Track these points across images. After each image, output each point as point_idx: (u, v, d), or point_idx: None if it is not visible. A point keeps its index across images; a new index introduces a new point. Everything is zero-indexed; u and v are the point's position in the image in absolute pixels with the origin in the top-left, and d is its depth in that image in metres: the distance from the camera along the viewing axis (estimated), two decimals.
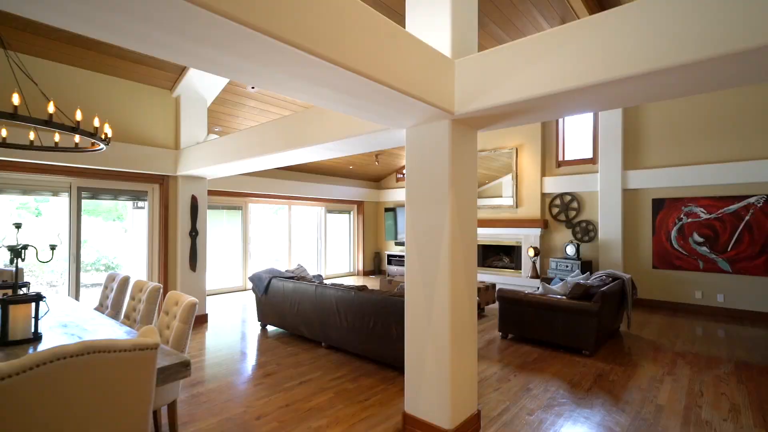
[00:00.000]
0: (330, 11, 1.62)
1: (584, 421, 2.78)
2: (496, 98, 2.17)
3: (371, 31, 1.82)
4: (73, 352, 1.28)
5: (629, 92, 1.96)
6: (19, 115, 2.51)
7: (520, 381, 3.49)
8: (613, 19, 1.82)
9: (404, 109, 2.25)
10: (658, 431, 2.64)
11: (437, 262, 2.49)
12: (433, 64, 2.21)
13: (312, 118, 3.35)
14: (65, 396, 1.28)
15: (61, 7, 1.20)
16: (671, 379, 3.53)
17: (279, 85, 1.89)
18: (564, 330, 4.23)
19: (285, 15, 1.43)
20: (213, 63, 1.64)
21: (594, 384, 3.42)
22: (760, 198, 5.74)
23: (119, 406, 1.41)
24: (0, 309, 2.17)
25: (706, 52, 1.57)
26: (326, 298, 4.23)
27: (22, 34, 3.98)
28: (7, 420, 1.17)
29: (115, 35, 1.39)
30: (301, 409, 2.94)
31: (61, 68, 4.46)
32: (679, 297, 6.36)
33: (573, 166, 7.58)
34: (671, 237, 6.45)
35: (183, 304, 2.44)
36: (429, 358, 2.54)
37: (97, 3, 1.17)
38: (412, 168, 2.66)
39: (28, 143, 3.05)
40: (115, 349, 1.38)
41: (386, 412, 2.91)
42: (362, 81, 1.82)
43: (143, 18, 1.26)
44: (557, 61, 1.95)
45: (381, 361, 3.85)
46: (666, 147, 6.52)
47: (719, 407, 2.99)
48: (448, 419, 2.44)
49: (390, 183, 10.81)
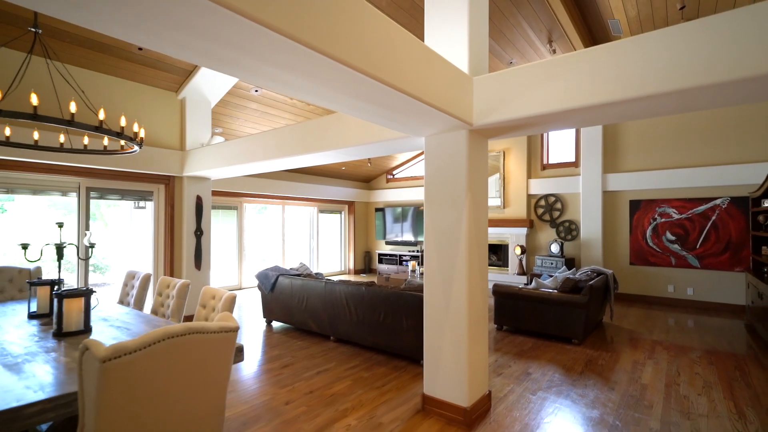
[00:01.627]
0: (384, 39, 1.87)
1: (580, 399, 3.12)
2: (511, 113, 2.48)
3: (413, 55, 2.09)
4: (178, 332, 1.49)
5: (615, 114, 2.32)
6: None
7: (519, 367, 3.82)
8: (601, 53, 2.14)
9: (430, 120, 2.53)
10: (644, 405, 3.01)
11: (455, 257, 2.78)
12: (456, 81, 2.50)
13: (331, 124, 3.58)
14: (172, 368, 1.49)
15: (135, 27, 1.36)
16: (652, 362, 3.94)
17: (323, 97, 2.13)
18: (555, 321, 4.60)
19: (349, 42, 1.68)
20: (274, 81, 1.86)
21: (585, 368, 3.78)
22: (724, 200, 6.32)
23: (208, 378, 1.63)
24: (56, 303, 2.32)
25: (687, 83, 1.91)
26: (336, 293, 4.45)
27: (49, 39, 4.03)
28: (133, 386, 1.38)
29: (182, 51, 1.56)
30: (324, 395, 3.17)
31: (83, 72, 4.54)
32: (654, 291, 6.89)
33: (557, 169, 8.05)
34: (646, 235, 6.98)
35: (223, 297, 2.64)
36: (447, 345, 2.82)
37: (172, 24, 1.36)
38: (431, 172, 2.93)
39: (58, 145, 3.16)
40: (207, 330, 1.59)
41: (404, 395, 3.18)
42: (404, 98, 2.08)
43: (212, 37, 1.44)
44: (559, 86, 2.27)
45: (391, 352, 4.11)
46: (642, 152, 7.05)
47: (694, 384, 3.40)
48: (466, 398, 2.73)
49: (380, 184, 11.07)
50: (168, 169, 5.22)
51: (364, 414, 2.86)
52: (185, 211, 5.42)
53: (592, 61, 2.20)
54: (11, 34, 3.94)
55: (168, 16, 1.26)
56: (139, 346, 1.39)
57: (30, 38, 3.88)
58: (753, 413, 2.88)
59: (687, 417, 2.83)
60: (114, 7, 1.22)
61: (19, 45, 4.10)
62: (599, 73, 2.17)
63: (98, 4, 1.21)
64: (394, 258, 10.10)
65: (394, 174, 10.76)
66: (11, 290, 3.64)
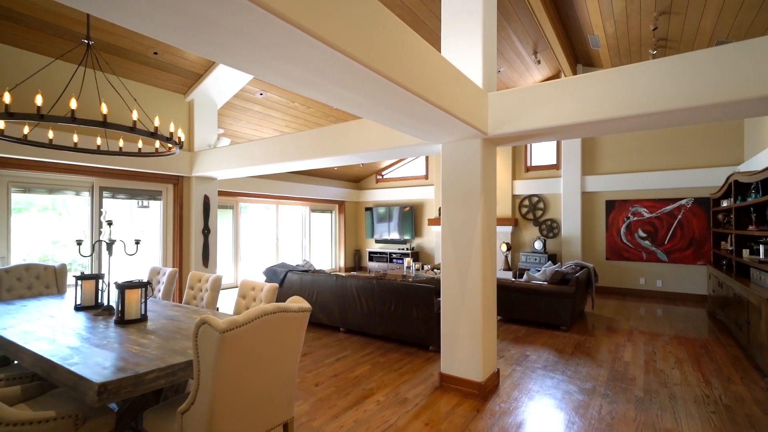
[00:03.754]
0: (430, 65, 2.21)
1: (574, 375, 3.56)
2: (521, 126, 2.87)
3: (447, 75, 2.44)
4: (271, 311, 1.79)
5: (606, 128, 2.78)
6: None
7: (517, 351, 4.24)
8: (587, 80, 2.57)
9: (453, 130, 2.89)
10: (628, 378, 3.49)
11: (470, 253, 3.15)
12: (476, 97, 2.87)
13: (350, 130, 3.89)
14: (265, 339, 1.78)
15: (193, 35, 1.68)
16: (631, 344, 4.46)
17: (369, 111, 2.44)
18: (546, 310, 5.07)
19: (404, 68, 2.01)
20: (333, 96, 2.17)
21: (575, 350, 4.25)
22: (689, 200, 7.01)
23: (288, 348, 1.93)
24: (119, 294, 2.54)
25: (667, 106, 2.35)
26: (347, 287, 4.76)
27: (68, 43, 4.14)
28: (239, 353, 1.67)
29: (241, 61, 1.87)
30: (348, 378, 3.49)
31: (102, 75, 4.64)
32: (627, 283, 7.54)
33: (539, 171, 8.61)
34: (621, 233, 7.62)
35: (265, 288, 2.91)
36: (463, 329, 3.19)
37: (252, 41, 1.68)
38: (447, 175, 3.29)
39: (95, 147, 3.33)
40: (290, 310, 1.88)
41: (420, 376, 3.53)
42: (440, 113, 2.43)
43: (312, 69, 1.76)
44: (562, 104, 2.68)
45: (401, 340, 4.46)
46: (617, 157, 7.69)
47: (668, 361, 3.91)
48: (480, 374, 3.11)
49: (369, 184, 11.39)
50: (177, 169, 5.37)
51: (389, 391, 3.20)
52: (193, 210, 5.57)
53: (586, 86, 2.62)
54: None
55: (283, 50, 1.56)
56: (246, 320, 1.68)
57: (67, 49, 3.99)
58: (717, 381, 3.40)
59: (664, 386, 3.31)
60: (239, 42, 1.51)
61: (47, 50, 4.20)
62: (594, 96, 2.59)
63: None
64: (385, 255, 10.44)
65: (384, 174, 11.10)
66: (38, 286, 3.75)
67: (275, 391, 1.93)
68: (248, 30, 1.42)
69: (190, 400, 1.70)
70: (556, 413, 2.84)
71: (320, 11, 1.48)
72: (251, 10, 1.28)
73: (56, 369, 1.78)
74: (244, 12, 1.30)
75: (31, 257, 4.70)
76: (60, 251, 4.99)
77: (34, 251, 4.74)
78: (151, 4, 1.25)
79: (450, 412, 2.86)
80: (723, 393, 3.18)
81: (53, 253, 4.94)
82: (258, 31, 1.43)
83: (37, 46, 4.20)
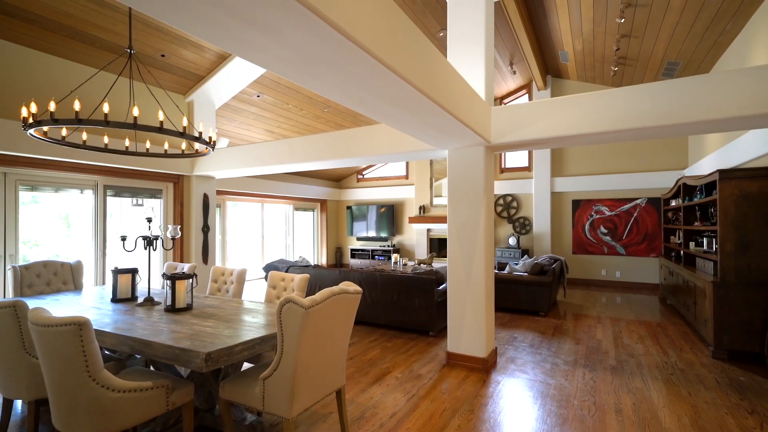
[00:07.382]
0: (449, 80, 2.63)
1: (558, 350, 4.12)
2: (520, 136, 3.36)
3: (464, 93, 2.87)
4: (337, 292, 2.14)
5: (588, 140, 3.30)
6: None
7: (506, 334, 4.78)
8: (572, 101, 3.10)
9: (463, 138, 3.33)
10: (602, 351, 4.09)
11: (474, 245, 3.61)
12: (482, 110, 3.32)
13: (361, 135, 4.24)
14: (334, 316, 2.13)
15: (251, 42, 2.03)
16: (600, 326, 5.11)
17: (394, 119, 2.83)
18: (526, 298, 5.66)
19: (438, 87, 2.41)
20: (379, 112, 2.54)
21: (555, 332, 4.84)
22: (643, 200, 7.89)
23: (344, 324, 2.28)
24: (169, 284, 2.77)
25: (627, 125, 2.91)
26: (350, 279, 5.10)
27: (80, 45, 4.21)
28: (316, 327, 2.02)
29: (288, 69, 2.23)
30: (363, 360, 3.85)
31: (110, 77, 4.72)
32: (591, 275, 8.36)
33: (513, 173, 9.30)
34: (585, 229, 8.43)
35: (296, 278, 3.22)
36: (468, 311, 3.65)
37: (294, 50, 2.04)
38: (453, 178, 3.74)
39: (124, 148, 3.48)
40: (348, 291, 2.24)
41: (427, 356, 3.96)
42: (458, 124, 2.86)
43: (365, 87, 2.13)
44: (556, 119, 3.19)
45: (404, 327, 4.87)
46: (582, 160, 8.49)
47: (632, 337, 4.58)
48: (483, 351, 3.58)
49: (350, 183, 11.70)
50: (179, 168, 5.49)
51: (404, 369, 3.60)
52: (193, 208, 5.70)
53: (573, 106, 3.14)
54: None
55: (361, 78, 1.92)
56: (322, 299, 2.02)
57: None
58: (672, 351, 4.08)
59: (632, 356, 3.93)
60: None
61: (62, 51, 4.25)
62: (579, 113, 3.12)
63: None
64: (366, 252, 10.81)
65: (364, 174, 11.45)
66: (56, 283, 3.83)
67: (335, 361, 2.28)
68: (339, 61, 1.78)
69: (273, 367, 2.02)
70: (548, 379, 3.36)
71: (393, 49, 1.85)
72: (348, 47, 1.63)
73: (150, 345, 2.04)
74: (340, 47, 1.64)
75: (31, 255, 4.69)
76: (60, 250, 4.99)
77: (40, 248, 4.73)
78: (286, 49, 1.58)
79: (461, 382, 3.31)
80: (677, 360, 3.83)
81: (51, 250, 4.94)
82: (345, 61, 1.78)
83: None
